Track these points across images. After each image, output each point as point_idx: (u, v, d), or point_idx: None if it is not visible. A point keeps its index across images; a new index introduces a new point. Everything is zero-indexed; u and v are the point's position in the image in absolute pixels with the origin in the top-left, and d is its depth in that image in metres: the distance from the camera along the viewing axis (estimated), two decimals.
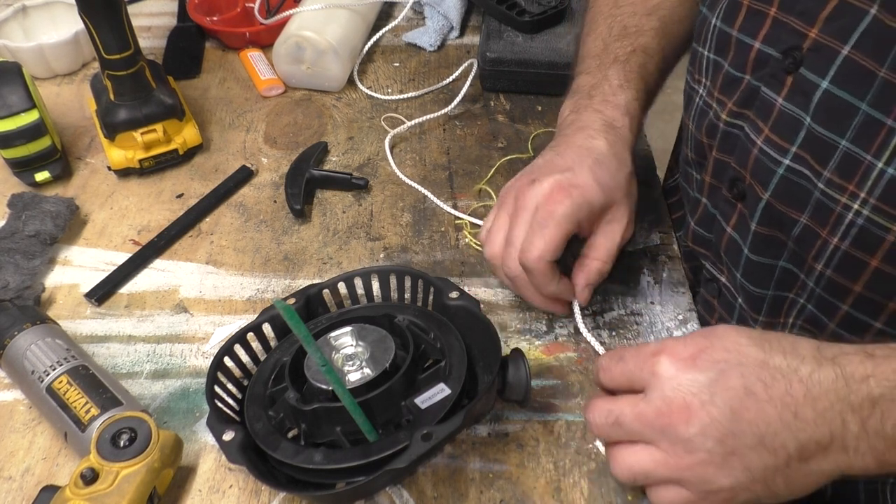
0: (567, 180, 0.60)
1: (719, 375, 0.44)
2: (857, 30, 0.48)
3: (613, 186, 0.61)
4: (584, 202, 0.59)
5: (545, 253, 0.59)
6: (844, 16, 0.49)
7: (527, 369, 0.55)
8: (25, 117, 0.74)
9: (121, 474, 0.50)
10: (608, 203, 0.61)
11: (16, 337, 0.59)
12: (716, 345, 0.45)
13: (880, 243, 0.50)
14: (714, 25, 0.61)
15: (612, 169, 0.62)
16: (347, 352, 0.55)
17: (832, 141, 0.51)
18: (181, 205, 0.77)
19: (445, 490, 0.55)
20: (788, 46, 0.53)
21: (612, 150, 0.63)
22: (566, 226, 0.59)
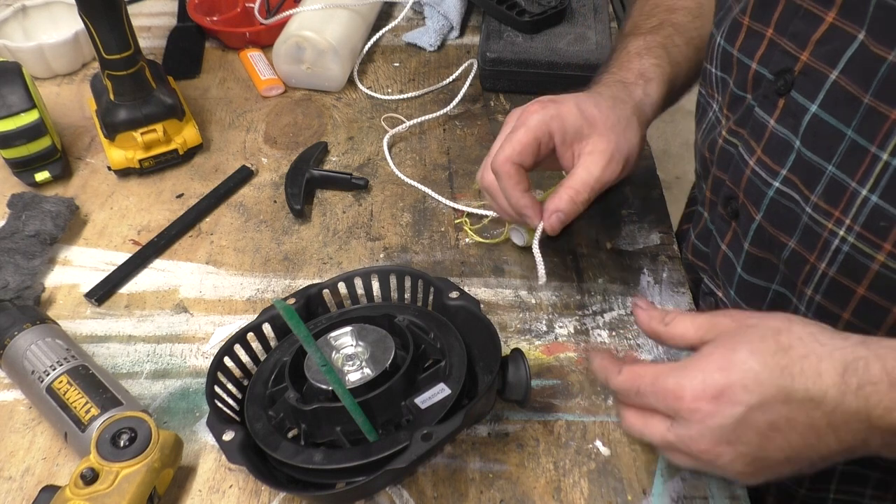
0: (548, 98, 0.62)
1: (744, 417, 0.43)
2: (845, 55, 0.48)
3: (597, 117, 0.61)
4: (556, 115, 0.60)
5: (511, 154, 0.60)
6: (834, 40, 0.48)
7: (527, 369, 0.55)
8: (25, 117, 0.74)
9: (121, 474, 0.50)
10: (587, 130, 0.60)
11: (16, 337, 0.59)
12: (735, 384, 0.43)
13: (866, 271, 0.50)
14: (719, 44, 0.61)
15: (600, 103, 0.62)
16: (347, 352, 0.55)
17: (819, 166, 0.51)
18: (181, 205, 0.77)
19: (445, 490, 0.55)
20: (781, 68, 0.53)
21: (609, 92, 0.63)
22: (534, 132, 0.60)
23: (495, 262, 0.72)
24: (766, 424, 0.43)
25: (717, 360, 0.44)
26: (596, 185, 0.60)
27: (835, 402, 0.41)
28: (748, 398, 0.43)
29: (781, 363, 0.42)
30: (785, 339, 0.43)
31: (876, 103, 0.46)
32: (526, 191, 0.61)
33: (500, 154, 0.60)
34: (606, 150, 0.60)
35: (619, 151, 0.61)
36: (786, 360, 0.42)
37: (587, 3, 0.95)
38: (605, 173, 0.60)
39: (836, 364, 0.42)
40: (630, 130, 0.62)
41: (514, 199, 0.61)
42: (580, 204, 0.60)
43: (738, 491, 0.55)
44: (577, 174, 0.60)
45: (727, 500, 0.54)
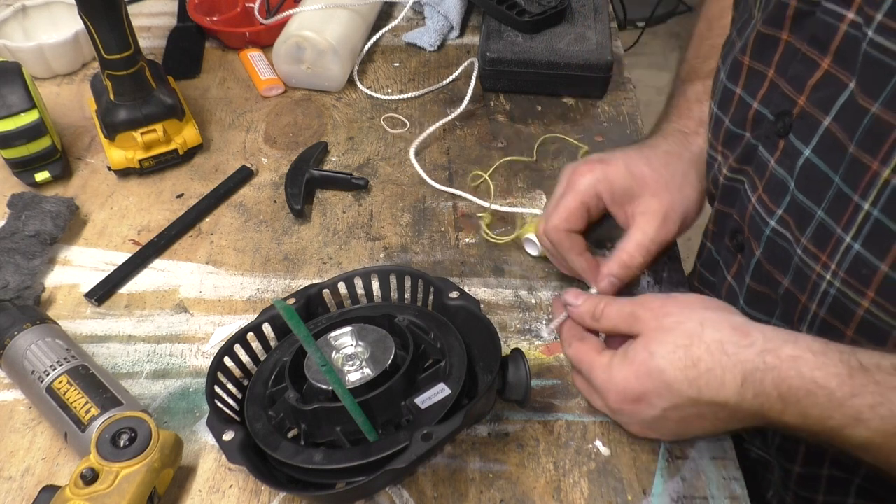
0: (597, 158, 0.62)
1: (660, 415, 0.51)
2: (837, 102, 0.48)
3: (648, 175, 0.60)
4: (604, 177, 0.60)
5: (560, 221, 0.61)
6: (828, 87, 0.48)
7: (527, 369, 0.55)
8: (25, 117, 0.74)
9: (121, 474, 0.50)
10: (638, 189, 0.60)
11: (16, 337, 0.59)
12: (650, 392, 0.50)
13: (852, 316, 0.50)
14: (722, 80, 0.60)
15: (653, 160, 0.61)
16: (347, 352, 0.55)
17: (810, 209, 0.51)
18: (181, 205, 0.77)
19: (445, 490, 0.55)
20: (781, 110, 0.53)
21: (664, 147, 0.63)
22: (582, 196, 0.60)
23: (495, 262, 0.72)
24: (680, 418, 0.51)
25: (638, 367, 0.50)
26: (652, 247, 0.60)
27: (736, 406, 0.48)
28: (662, 403, 0.50)
29: (690, 376, 0.48)
30: (695, 350, 0.49)
31: (859, 153, 0.46)
32: (581, 254, 0.62)
33: (550, 222, 0.61)
34: (659, 211, 0.60)
35: (675, 210, 0.61)
36: (694, 374, 0.48)
37: (587, 3, 0.95)
38: (661, 234, 0.60)
39: (737, 376, 0.47)
40: (687, 186, 0.62)
41: (572, 263, 0.62)
42: (635, 268, 0.61)
43: (738, 491, 0.55)
44: (632, 236, 0.60)
45: (727, 500, 0.54)
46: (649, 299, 0.53)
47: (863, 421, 0.44)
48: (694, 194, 0.63)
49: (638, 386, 0.50)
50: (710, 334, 0.49)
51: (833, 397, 0.44)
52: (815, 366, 0.45)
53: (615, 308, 0.54)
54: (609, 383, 0.52)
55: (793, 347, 0.46)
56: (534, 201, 0.77)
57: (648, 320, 0.51)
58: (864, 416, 0.44)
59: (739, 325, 0.49)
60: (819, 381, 0.45)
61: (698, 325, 0.49)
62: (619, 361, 0.51)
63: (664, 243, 0.61)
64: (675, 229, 0.61)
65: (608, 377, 0.52)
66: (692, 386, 0.48)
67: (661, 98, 0.75)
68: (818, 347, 0.46)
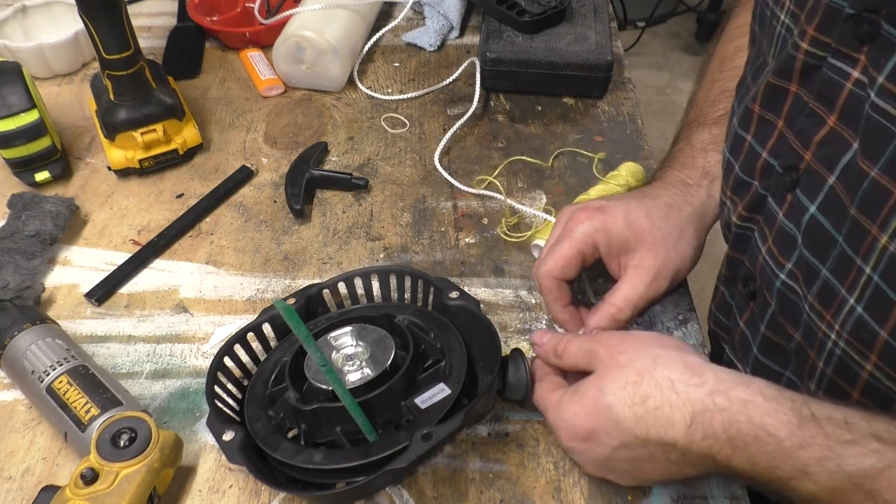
0: (595, 205, 0.61)
1: (611, 454, 0.50)
2: (841, 162, 0.46)
3: (645, 229, 0.60)
4: (602, 227, 0.59)
5: (551, 268, 0.60)
6: (833, 144, 0.47)
7: (527, 369, 0.55)
8: (25, 117, 0.74)
9: (121, 474, 0.50)
10: (634, 243, 0.60)
11: (16, 337, 0.59)
12: (599, 430, 0.49)
13: (857, 378, 0.49)
14: (734, 126, 0.59)
15: (652, 213, 0.60)
16: (347, 352, 0.55)
17: (815, 267, 0.50)
18: (181, 205, 0.77)
19: (445, 490, 0.55)
20: (789, 164, 0.52)
21: (665, 199, 0.61)
22: (578, 245, 0.59)
23: (495, 262, 0.72)
24: (632, 459, 0.49)
25: (587, 403, 0.49)
26: (640, 303, 0.60)
27: (685, 448, 0.46)
28: (611, 442, 0.49)
29: (638, 413, 0.47)
30: (645, 387, 0.47)
31: (859, 216, 0.45)
32: (566, 305, 0.62)
33: (543, 266, 0.61)
34: (653, 266, 0.60)
35: (667, 267, 0.60)
36: (642, 411, 0.47)
37: (587, 3, 0.95)
38: (651, 290, 0.60)
39: (686, 416, 0.46)
40: (683, 242, 0.61)
41: (554, 314, 0.62)
42: (622, 322, 0.60)
43: (738, 491, 0.55)
44: (621, 290, 0.60)
45: (727, 499, 0.54)
46: (607, 336, 0.52)
47: (809, 474, 0.42)
48: (689, 251, 0.62)
49: (587, 423, 0.49)
50: (661, 371, 0.47)
51: (782, 447, 0.43)
52: (765, 411, 0.44)
53: (575, 345, 0.53)
54: (559, 420, 0.51)
55: (744, 390, 0.45)
56: (533, 201, 0.77)
57: (604, 357, 0.51)
58: (811, 469, 0.42)
59: (692, 364, 0.48)
60: (769, 428, 0.43)
61: (650, 361, 0.48)
62: (569, 398, 0.51)
63: (653, 299, 0.61)
64: (665, 286, 0.61)
65: (558, 414, 0.51)
66: (640, 424, 0.47)
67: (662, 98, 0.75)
68: (770, 393, 0.45)
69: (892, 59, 0.41)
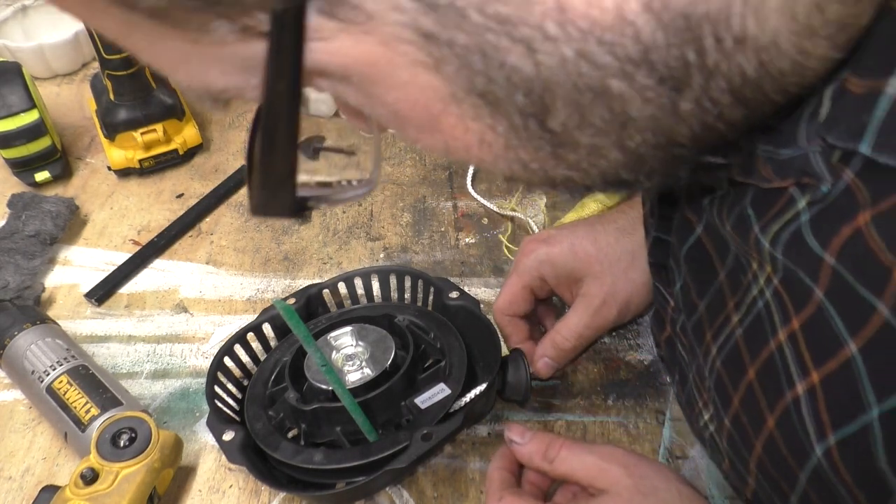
0: (543, 236, 0.60)
1: None
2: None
3: (592, 256, 0.57)
4: (546, 258, 0.58)
5: (500, 305, 0.60)
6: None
7: (527, 369, 0.55)
8: (25, 117, 0.74)
9: (121, 474, 0.50)
10: (580, 272, 0.58)
11: (16, 337, 0.59)
12: None
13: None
14: None
15: (600, 239, 0.58)
16: (347, 352, 0.55)
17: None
18: (181, 205, 0.77)
19: (445, 490, 0.55)
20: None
21: (619, 224, 0.59)
22: (523, 279, 0.59)
23: (495, 262, 0.72)
24: None
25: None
26: (586, 332, 0.57)
27: None
28: None
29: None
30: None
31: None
32: (521, 342, 0.60)
33: (496, 304, 0.60)
34: (598, 295, 0.57)
35: (615, 295, 0.57)
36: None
37: None
38: (596, 320, 0.57)
39: None
40: (634, 269, 0.57)
41: (510, 346, 0.61)
42: (567, 351, 0.58)
43: None
44: (568, 319, 0.58)
45: (727, 499, 0.54)
46: (618, 454, 0.48)
47: None
48: (642, 278, 0.57)
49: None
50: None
51: None
52: None
53: (575, 455, 0.49)
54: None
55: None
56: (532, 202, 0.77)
57: (620, 478, 0.46)
58: None
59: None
60: None
61: (677, 495, 0.46)
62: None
63: (601, 329, 0.58)
64: (613, 314, 0.57)
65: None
66: None
67: None
68: None
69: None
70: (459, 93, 0.24)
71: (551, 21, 0.22)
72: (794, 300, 0.32)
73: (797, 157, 0.29)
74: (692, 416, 0.47)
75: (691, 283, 0.43)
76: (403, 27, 0.23)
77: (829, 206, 0.29)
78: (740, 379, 0.38)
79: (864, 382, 0.29)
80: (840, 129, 0.26)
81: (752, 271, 0.36)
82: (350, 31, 0.23)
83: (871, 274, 0.27)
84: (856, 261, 0.28)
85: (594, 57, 0.23)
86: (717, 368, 0.40)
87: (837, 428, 0.31)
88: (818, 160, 0.28)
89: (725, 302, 0.39)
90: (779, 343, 0.34)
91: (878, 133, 0.25)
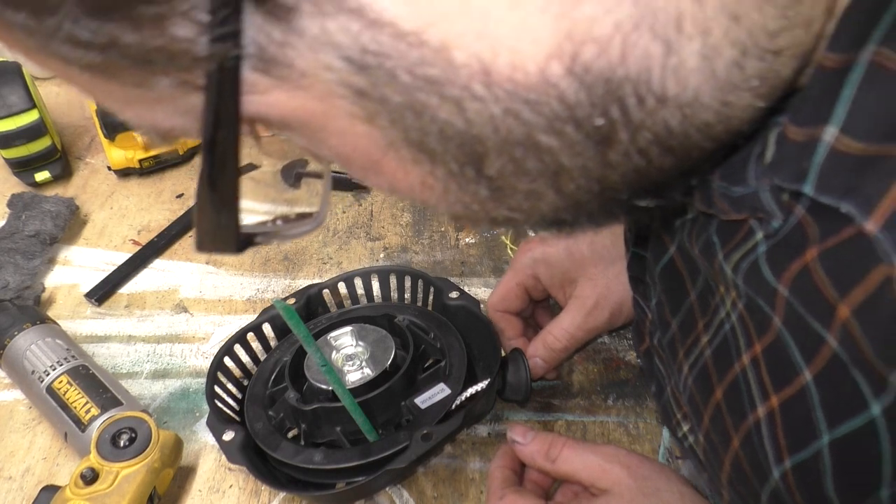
0: (539, 237, 0.61)
1: None
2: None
3: (587, 257, 0.58)
4: (542, 258, 0.59)
5: (493, 301, 0.61)
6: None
7: (527, 369, 0.55)
8: (25, 117, 0.74)
9: (121, 474, 0.50)
10: (575, 272, 0.58)
11: (16, 337, 0.59)
12: None
13: None
14: None
15: (597, 241, 0.58)
16: (347, 352, 0.55)
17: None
18: (181, 205, 0.77)
19: (445, 490, 0.55)
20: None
21: (613, 229, 0.58)
22: (517, 277, 0.59)
23: (495, 262, 0.72)
24: None
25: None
26: (577, 334, 0.57)
27: None
28: None
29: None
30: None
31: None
32: (514, 338, 0.60)
33: (490, 299, 0.61)
34: (591, 296, 0.57)
35: (607, 298, 0.57)
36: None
37: None
38: (588, 321, 0.57)
39: None
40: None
41: (504, 345, 0.60)
42: (558, 351, 0.58)
43: None
44: (559, 319, 0.58)
45: None
46: (620, 454, 0.49)
47: None
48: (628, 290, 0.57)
49: None
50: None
51: None
52: None
53: (577, 454, 0.49)
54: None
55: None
56: None
57: (622, 478, 0.47)
58: None
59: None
60: None
61: (678, 496, 0.46)
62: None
63: (593, 331, 0.58)
64: (605, 317, 0.58)
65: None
66: None
67: None
68: None
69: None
70: (396, 142, 0.25)
71: (478, 83, 0.23)
72: (756, 325, 0.33)
73: (748, 194, 0.30)
74: (670, 426, 0.48)
75: (665, 300, 0.44)
76: (336, 84, 0.24)
77: (782, 241, 0.30)
78: (709, 398, 0.38)
79: (817, 410, 0.30)
80: (784, 172, 0.27)
81: (720, 294, 0.37)
82: (284, 87, 0.24)
83: (818, 308, 0.28)
84: (805, 295, 0.29)
85: (521, 115, 0.24)
86: (689, 386, 0.41)
87: (793, 453, 0.32)
88: (768, 198, 0.29)
89: (696, 322, 0.40)
90: (743, 366, 0.35)
91: (818, 176, 0.26)
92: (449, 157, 0.25)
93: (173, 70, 0.23)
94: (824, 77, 0.25)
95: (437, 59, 0.22)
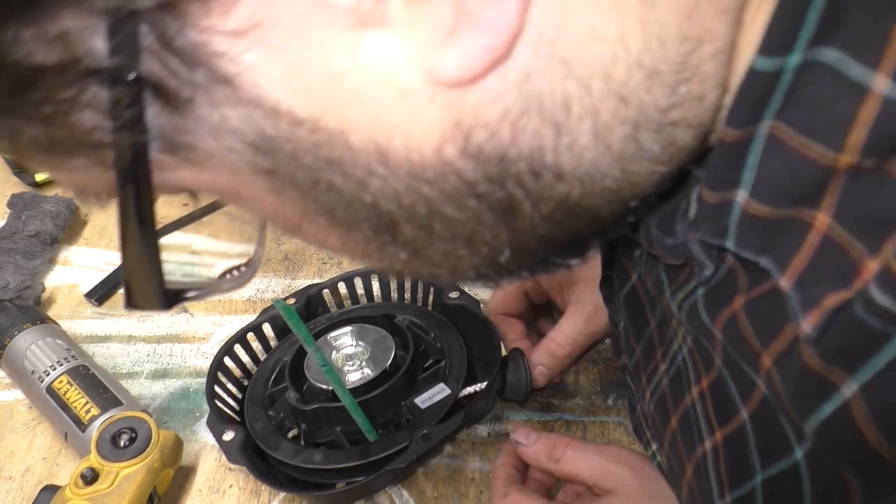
0: None
1: None
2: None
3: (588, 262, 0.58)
4: None
5: (493, 304, 0.61)
6: None
7: (527, 369, 0.55)
8: None
9: (121, 474, 0.50)
10: (575, 276, 0.58)
11: (16, 337, 0.59)
12: None
13: None
14: None
15: None
16: (347, 352, 0.55)
17: None
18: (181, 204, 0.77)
19: (445, 490, 0.55)
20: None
21: None
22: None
23: None
24: None
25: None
26: (579, 339, 0.57)
27: None
28: None
29: None
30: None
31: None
32: (515, 341, 0.60)
33: (489, 301, 0.62)
34: (590, 301, 0.57)
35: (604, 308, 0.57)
36: None
37: None
38: (589, 326, 0.57)
39: None
40: None
41: (506, 348, 0.60)
42: (562, 358, 0.57)
43: None
44: (561, 325, 0.58)
45: None
46: (624, 455, 0.49)
47: None
48: None
49: None
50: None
51: None
52: None
53: (581, 455, 0.50)
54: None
55: None
56: None
57: (627, 479, 0.47)
58: None
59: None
60: None
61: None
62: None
63: (594, 335, 0.58)
64: (605, 322, 0.57)
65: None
66: None
67: None
68: None
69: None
70: (310, 212, 0.26)
71: (376, 163, 0.24)
72: (702, 361, 0.34)
73: (679, 245, 0.31)
74: (642, 442, 0.48)
75: (630, 327, 0.44)
76: (242, 164, 0.24)
77: (716, 286, 0.31)
78: (667, 425, 0.39)
79: (752, 449, 0.31)
80: (706, 229, 0.28)
81: (673, 327, 0.38)
82: (192, 167, 0.25)
83: (747, 354, 0.29)
84: (735, 341, 0.30)
85: (422, 191, 0.25)
86: (651, 412, 0.42)
87: (733, 489, 0.33)
88: (698, 249, 0.30)
89: (655, 350, 0.40)
90: (692, 399, 0.35)
91: (737, 234, 0.27)
92: (362, 225, 0.26)
93: (83, 154, 0.24)
94: (727, 149, 0.26)
95: (336, 142, 0.23)
